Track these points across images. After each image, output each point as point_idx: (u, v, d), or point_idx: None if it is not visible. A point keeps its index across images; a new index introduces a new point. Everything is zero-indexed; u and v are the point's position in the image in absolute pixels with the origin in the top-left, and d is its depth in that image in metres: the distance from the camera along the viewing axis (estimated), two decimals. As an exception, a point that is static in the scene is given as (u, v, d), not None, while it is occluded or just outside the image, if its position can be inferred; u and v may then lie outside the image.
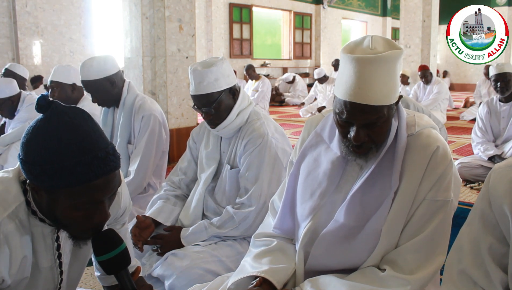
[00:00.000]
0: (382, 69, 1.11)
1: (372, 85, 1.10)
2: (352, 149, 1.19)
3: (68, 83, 3.00)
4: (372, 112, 1.12)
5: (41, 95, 1.00)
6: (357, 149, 1.18)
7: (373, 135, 1.16)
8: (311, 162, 1.33)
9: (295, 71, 12.52)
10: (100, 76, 2.37)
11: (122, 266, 1.14)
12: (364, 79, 1.10)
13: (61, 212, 1.02)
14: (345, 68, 1.14)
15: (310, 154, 1.34)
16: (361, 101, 1.10)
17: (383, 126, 1.16)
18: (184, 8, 4.43)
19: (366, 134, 1.15)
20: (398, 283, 1.13)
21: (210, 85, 1.78)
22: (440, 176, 1.17)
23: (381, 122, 1.15)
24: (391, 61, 1.12)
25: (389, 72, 1.12)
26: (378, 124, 1.15)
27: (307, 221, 1.28)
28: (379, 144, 1.19)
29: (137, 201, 2.46)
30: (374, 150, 1.19)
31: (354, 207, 1.20)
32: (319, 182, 1.28)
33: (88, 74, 2.36)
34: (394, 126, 1.20)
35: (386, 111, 1.14)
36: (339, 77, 1.17)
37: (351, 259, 1.22)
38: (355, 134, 1.15)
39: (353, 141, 1.16)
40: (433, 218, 1.17)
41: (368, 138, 1.16)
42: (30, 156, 0.98)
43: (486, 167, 3.57)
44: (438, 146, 1.19)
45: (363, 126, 1.14)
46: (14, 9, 7.60)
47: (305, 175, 1.33)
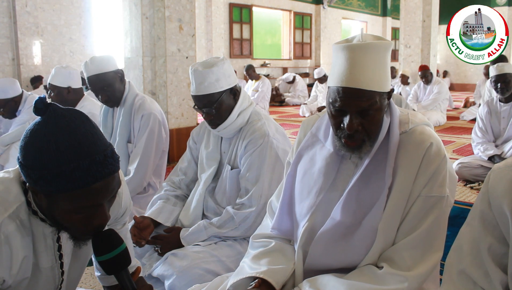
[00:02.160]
0: (372, 56, 1.16)
1: (363, 70, 1.15)
2: (344, 141, 1.20)
3: (64, 86, 3.01)
4: (365, 97, 1.15)
5: (39, 97, 0.99)
6: (349, 140, 1.19)
7: (365, 124, 1.18)
8: (307, 162, 1.34)
9: (295, 71, 12.51)
10: (111, 68, 2.42)
11: (122, 266, 1.14)
12: (355, 65, 1.15)
13: (61, 215, 1.02)
14: (337, 58, 1.19)
15: (306, 155, 1.36)
16: (354, 85, 1.14)
17: (375, 114, 1.18)
18: (184, 8, 4.43)
19: (359, 123, 1.17)
20: (396, 280, 1.14)
21: (211, 86, 1.78)
22: (434, 172, 1.18)
23: (374, 110, 1.17)
24: (381, 50, 1.17)
25: (379, 60, 1.17)
26: (370, 113, 1.17)
27: (305, 220, 1.29)
28: (372, 137, 1.20)
29: (137, 201, 2.47)
30: (367, 144, 1.20)
31: (350, 204, 1.21)
32: (315, 180, 1.29)
33: (99, 67, 2.37)
34: (386, 122, 1.22)
35: (378, 99, 1.17)
36: (332, 69, 1.21)
37: (349, 257, 1.23)
38: (348, 122, 1.17)
39: (346, 129, 1.18)
40: (428, 214, 1.18)
41: (361, 128, 1.18)
42: (28, 160, 0.98)
43: (486, 167, 3.57)
44: (431, 142, 1.20)
45: (356, 113, 1.16)
46: (14, 9, 7.60)
47: (302, 175, 1.34)
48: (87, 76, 2.39)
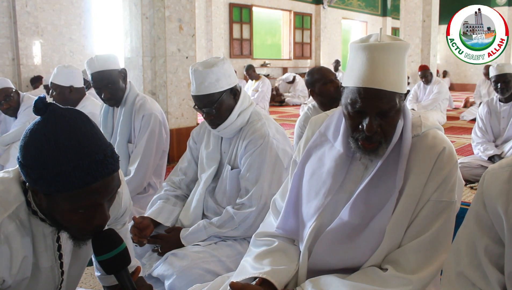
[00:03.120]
0: (393, 56, 1.15)
1: (385, 71, 1.13)
2: (362, 142, 1.18)
3: (66, 86, 3.00)
4: (386, 99, 1.13)
5: (38, 97, 0.99)
6: (367, 142, 1.17)
7: (384, 126, 1.17)
8: (315, 162, 1.33)
9: (295, 71, 12.51)
10: (116, 67, 2.44)
11: (122, 266, 1.14)
12: (377, 65, 1.13)
13: (61, 215, 1.02)
14: (357, 57, 1.17)
15: (315, 154, 1.34)
16: (376, 86, 1.13)
17: (394, 117, 1.17)
18: (184, 8, 4.43)
19: (378, 124, 1.16)
20: (400, 282, 1.13)
21: (211, 86, 1.78)
22: (446, 177, 1.18)
23: (394, 112, 1.16)
24: (401, 50, 1.17)
25: (399, 61, 1.16)
26: (390, 115, 1.16)
27: (312, 220, 1.28)
28: (388, 140, 1.19)
29: (137, 201, 2.47)
30: (383, 146, 1.18)
31: (359, 206, 1.20)
32: (324, 181, 1.28)
33: (104, 64, 2.38)
34: (400, 125, 1.21)
35: (398, 101, 1.16)
36: (350, 68, 1.19)
37: (353, 258, 1.22)
38: (368, 124, 1.15)
39: (366, 131, 1.15)
40: (437, 219, 1.18)
41: (380, 129, 1.16)
42: (28, 160, 0.97)
43: (486, 167, 3.56)
44: (444, 147, 1.19)
45: (375, 115, 1.15)
46: (14, 9, 7.59)
47: (310, 175, 1.33)
48: (91, 72, 2.39)
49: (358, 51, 1.16)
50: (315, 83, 2.67)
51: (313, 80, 2.68)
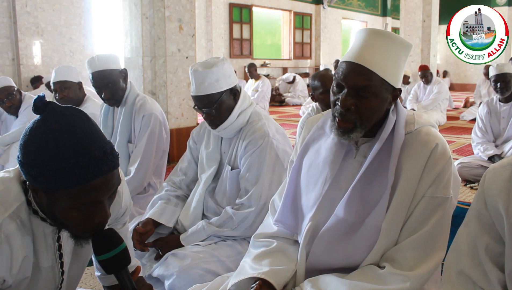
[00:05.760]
0: (389, 46, 1.20)
1: (373, 52, 1.18)
2: (338, 120, 1.22)
3: (76, 82, 3.02)
4: (364, 75, 1.17)
5: (38, 96, 1.00)
6: (341, 118, 1.20)
7: (359, 106, 1.19)
8: (313, 154, 1.35)
9: (295, 71, 12.51)
10: (117, 66, 2.44)
11: (122, 265, 1.14)
12: (369, 46, 1.19)
13: (61, 213, 1.02)
14: (357, 39, 1.23)
15: (312, 148, 1.36)
16: (357, 61, 1.18)
17: (371, 99, 1.19)
18: (184, 8, 4.44)
19: (353, 103, 1.19)
20: (398, 279, 1.14)
21: (211, 86, 1.78)
22: (439, 173, 1.19)
23: (370, 94, 1.18)
24: (397, 43, 1.21)
25: (393, 51, 1.20)
26: (367, 96, 1.18)
27: (312, 212, 1.28)
28: (364, 124, 1.21)
29: (137, 201, 2.47)
30: (358, 130, 1.21)
31: (354, 202, 1.21)
32: (321, 170, 1.30)
33: (105, 64, 2.38)
34: (392, 120, 1.23)
35: (378, 85, 1.18)
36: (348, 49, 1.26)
37: (351, 256, 1.23)
38: (342, 98, 1.19)
39: (339, 105, 1.20)
40: (432, 215, 1.18)
41: (354, 108, 1.19)
42: (27, 158, 0.98)
43: (486, 167, 3.57)
44: (437, 143, 1.20)
45: (352, 91, 1.18)
46: (14, 9, 7.59)
47: (308, 167, 1.35)
48: (92, 71, 2.39)
49: (359, 33, 1.24)
50: (315, 89, 2.74)
51: (313, 86, 2.76)
